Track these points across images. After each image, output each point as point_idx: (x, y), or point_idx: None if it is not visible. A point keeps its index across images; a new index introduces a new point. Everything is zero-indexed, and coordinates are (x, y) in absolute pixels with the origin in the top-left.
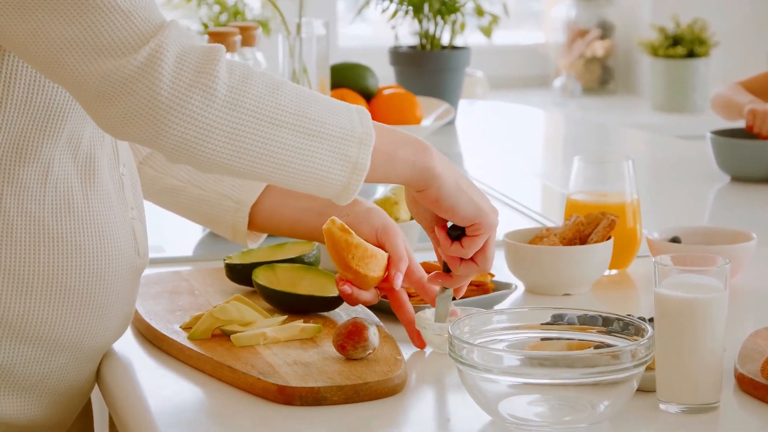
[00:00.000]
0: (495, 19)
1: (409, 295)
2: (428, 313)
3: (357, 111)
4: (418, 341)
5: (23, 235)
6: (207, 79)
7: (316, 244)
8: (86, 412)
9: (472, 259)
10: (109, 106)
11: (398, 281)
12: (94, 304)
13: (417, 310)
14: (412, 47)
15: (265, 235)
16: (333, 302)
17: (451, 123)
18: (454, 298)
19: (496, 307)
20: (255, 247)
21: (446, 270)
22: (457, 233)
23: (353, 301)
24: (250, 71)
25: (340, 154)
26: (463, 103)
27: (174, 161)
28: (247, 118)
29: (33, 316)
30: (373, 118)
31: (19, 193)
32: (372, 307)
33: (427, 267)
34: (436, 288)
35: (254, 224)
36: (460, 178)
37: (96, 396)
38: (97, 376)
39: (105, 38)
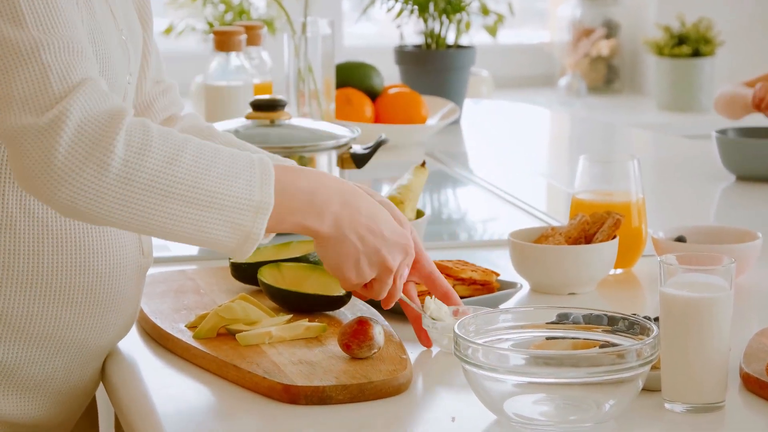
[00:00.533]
0: (500, 18)
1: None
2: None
3: (260, 173)
4: (425, 340)
5: (26, 234)
6: (102, 154)
7: None
8: (91, 411)
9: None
10: (11, 156)
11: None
12: (98, 303)
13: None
14: (418, 46)
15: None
16: (338, 301)
17: (456, 122)
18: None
19: (501, 306)
20: (267, 242)
21: None
22: None
23: (362, 295)
24: (149, 141)
25: (231, 224)
26: (468, 103)
27: (66, 217)
28: (139, 191)
29: (36, 315)
30: (379, 118)
31: (22, 193)
32: (378, 305)
33: (437, 267)
34: (444, 283)
35: None
36: (343, 243)
37: (101, 395)
38: (103, 376)
39: (16, 91)
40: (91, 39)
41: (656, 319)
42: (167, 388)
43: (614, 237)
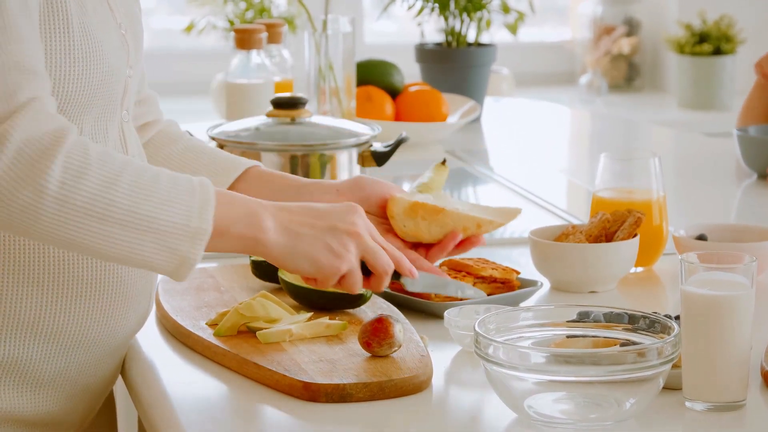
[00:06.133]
0: (521, 16)
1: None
2: (456, 313)
3: (200, 200)
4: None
5: None
6: (39, 176)
7: None
8: (109, 407)
9: None
10: None
11: None
12: (106, 298)
13: (445, 308)
14: (438, 44)
15: None
16: (359, 299)
17: (477, 120)
18: None
19: (522, 305)
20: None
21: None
22: None
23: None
24: (87, 164)
25: (168, 248)
26: (488, 101)
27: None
28: (75, 215)
29: (45, 311)
30: (399, 116)
31: None
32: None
33: (452, 264)
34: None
35: None
36: (298, 240)
37: (122, 391)
38: (123, 372)
39: None
40: (82, 34)
41: (677, 318)
42: (187, 385)
43: (635, 235)
